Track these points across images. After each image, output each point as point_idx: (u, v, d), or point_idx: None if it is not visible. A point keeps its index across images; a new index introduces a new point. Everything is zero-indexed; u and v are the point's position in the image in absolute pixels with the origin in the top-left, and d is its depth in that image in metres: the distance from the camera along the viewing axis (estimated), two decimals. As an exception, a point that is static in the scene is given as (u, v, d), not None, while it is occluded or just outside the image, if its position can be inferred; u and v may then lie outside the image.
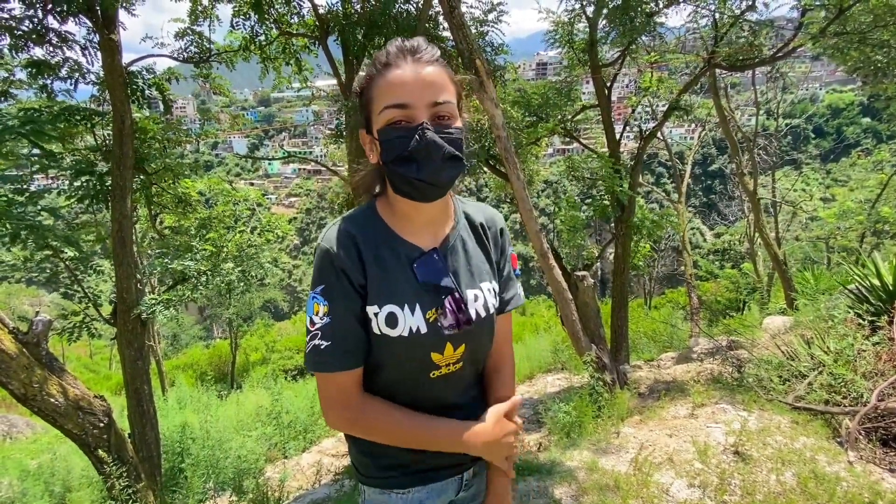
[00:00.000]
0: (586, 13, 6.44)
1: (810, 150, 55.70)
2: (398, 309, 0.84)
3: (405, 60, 0.81)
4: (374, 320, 0.85)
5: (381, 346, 0.86)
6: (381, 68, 0.82)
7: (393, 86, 0.80)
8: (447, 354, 0.89)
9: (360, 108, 0.88)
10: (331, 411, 0.86)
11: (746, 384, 3.46)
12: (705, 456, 2.58)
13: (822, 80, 62.76)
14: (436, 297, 0.87)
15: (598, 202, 6.67)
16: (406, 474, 0.92)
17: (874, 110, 50.18)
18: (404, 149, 0.79)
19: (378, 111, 0.82)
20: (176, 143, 5.45)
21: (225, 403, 8.70)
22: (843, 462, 2.45)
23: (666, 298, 19.20)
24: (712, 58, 6.38)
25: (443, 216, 0.93)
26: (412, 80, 0.80)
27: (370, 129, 0.85)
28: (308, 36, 5.12)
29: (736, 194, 23.89)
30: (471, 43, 4.18)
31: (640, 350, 8.28)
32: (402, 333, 0.84)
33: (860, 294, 4.05)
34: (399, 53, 0.82)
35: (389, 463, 0.91)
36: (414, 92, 0.79)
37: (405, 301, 0.85)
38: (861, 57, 5.80)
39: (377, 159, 0.85)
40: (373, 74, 0.83)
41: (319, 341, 0.83)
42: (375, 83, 0.83)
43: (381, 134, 0.82)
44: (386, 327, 0.84)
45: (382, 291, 0.84)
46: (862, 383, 2.87)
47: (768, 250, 10.56)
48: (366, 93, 0.85)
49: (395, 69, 0.81)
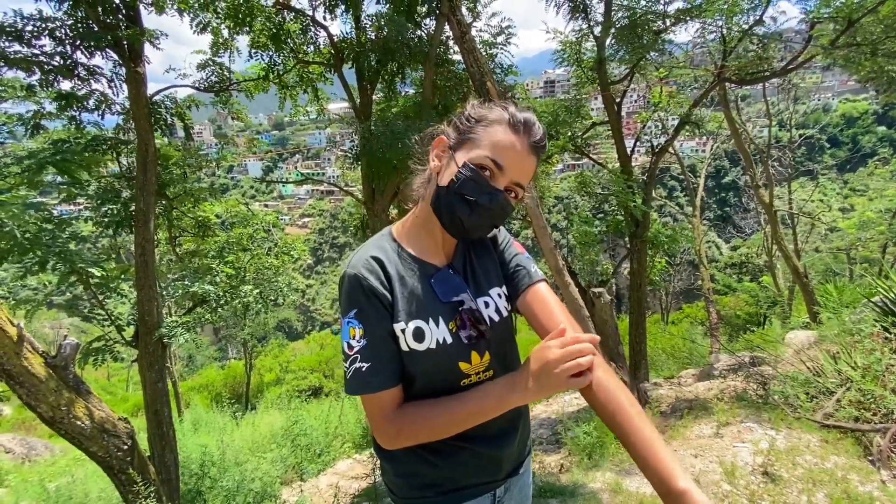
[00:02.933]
0: (594, 33, 6.54)
1: (826, 160, 54.87)
2: (423, 323, 0.89)
3: (523, 134, 0.88)
4: (402, 337, 0.88)
5: (411, 362, 0.89)
6: (503, 119, 0.88)
7: (504, 146, 0.87)
8: (475, 363, 0.92)
9: (462, 124, 0.92)
10: (379, 431, 0.88)
11: (772, 401, 3.37)
12: (733, 477, 2.51)
13: (834, 90, 62.22)
14: (454, 309, 0.92)
15: (611, 217, 6.66)
16: (440, 493, 0.94)
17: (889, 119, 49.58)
18: (475, 194, 0.86)
19: (478, 148, 0.88)
20: (197, 169, 5.62)
21: (240, 425, 8.71)
22: (877, 481, 2.36)
23: (683, 314, 18.85)
24: (721, 72, 6.41)
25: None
26: (519, 156, 0.88)
27: (455, 148, 0.91)
28: (324, 64, 5.30)
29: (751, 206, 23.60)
30: (482, 66, 4.28)
31: (658, 367, 8.12)
32: (430, 346, 0.88)
33: (886, 307, 3.95)
34: (524, 124, 0.88)
35: (423, 482, 0.94)
36: (514, 164, 0.87)
37: (429, 315, 0.89)
38: (874, 67, 5.78)
39: (446, 181, 0.89)
40: (495, 118, 0.89)
41: (360, 364, 0.85)
42: (493, 126, 0.88)
43: (466, 167, 0.87)
44: (414, 342, 0.88)
45: (407, 308, 0.89)
46: (892, 399, 2.78)
47: (788, 263, 10.36)
48: (479, 123, 0.89)
49: (513, 133, 0.88)
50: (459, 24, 4.22)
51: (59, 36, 4.12)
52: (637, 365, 6.01)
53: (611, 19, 6.17)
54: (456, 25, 4.22)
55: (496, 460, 0.96)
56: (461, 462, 0.93)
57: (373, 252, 0.90)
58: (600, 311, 4.34)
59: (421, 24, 5.02)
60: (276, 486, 5.41)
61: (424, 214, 0.94)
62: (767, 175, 11.21)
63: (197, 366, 25.93)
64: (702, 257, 11.93)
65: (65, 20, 4.12)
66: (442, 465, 0.92)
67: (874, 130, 56.10)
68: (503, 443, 0.96)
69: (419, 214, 0.95)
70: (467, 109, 0.93)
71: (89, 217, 4.81)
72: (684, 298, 23.26)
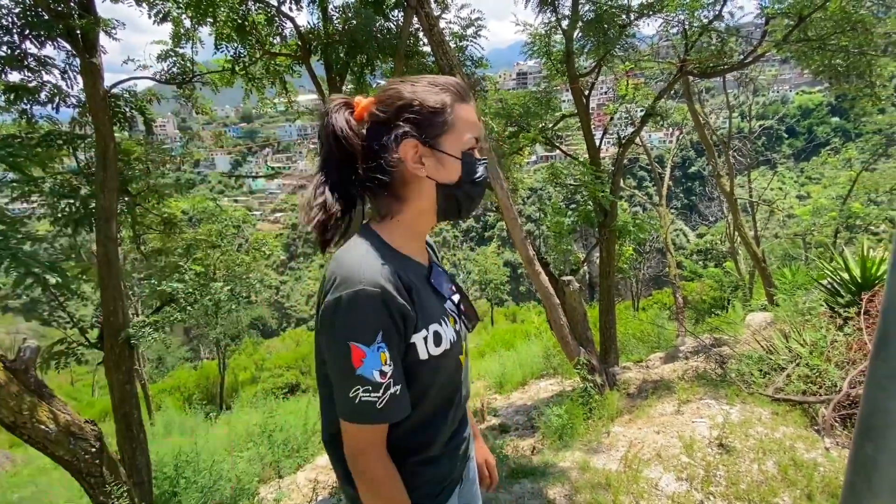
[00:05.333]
0: (562, 26, 6.64)
1: (784, 149, 57.42)
2: (438, 326, 0.87)
3: (470, 98, 0.89)
4: (421, 346, 0.84)
5: (429, 370, 0.87)
6: (458, 98, 0.87)
7: (473, 121, 0.89)
8: (464, 352, 0.97)
9: (423, 118, 0.84)
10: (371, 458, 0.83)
11: (729, 379, 3.58)
12: (691, 450, 2.67)
13: (791, 83, 64.86)
14: (450, 304, 0.94)
15: (582, 208, 6.82)
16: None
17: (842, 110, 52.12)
18: (479, 174, 0.90)
19: (458, 133, 0.87)
20: (160, 164, 5.45)
21: (215, 425, 8.57)
22: (820, 449, 2.56)
23: (653, 299, 19.50)
24: (684, 65, 6.62)
25: None
26: (477, 119, 0.91)
27: (433, 145, 0.85)
28: (291, 56, 5.20)
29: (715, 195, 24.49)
30: (451, 59, 4.30)
31: (629, 352, 8.40)
32: (446, 347, 0.88)
33: (832, 288, 4.22)
34: (468, 90, 0.89)
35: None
36: (480, 129, 0.91)
37: (439, 316, 0.89)
38: (823, 61, 6.09)
39: (453, 177, 0.88)
40: (453, 101, 0.86)
41: (394, 389, 0.80)
42: (457, 110, 0.86)
43: (465, 156, 0.88)
44: (434, 347, 0.86)
45: (423, 314, 0.85)
46: (835, 372, 3.00)
47: (748, 249, 10.86)
48: (444, 114, 0.85)
49: (470, 104, 0.89)
50: (428, 16, 4.22)
51: (6, 24, 3.92)
52: (607, 350, 6.22)
53: (578, 12, 6.28)
54: (424, 17, 4.22)
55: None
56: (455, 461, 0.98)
57: (384, 261, 0.81)
58: (570, 299, 4.47)
59: (389, 15, 4.99)
60: (253, 484, 5.37)
61: (411, 215, 0.90)
62: (729, 165, 11.68)
63: (168, 367, 25.19)
64: (669, 245, 12.35)
65: (11, 7, 3.91)
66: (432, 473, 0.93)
67: (828, 121, 58.92)
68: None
69: (404, 217, 0.90)
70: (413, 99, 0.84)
71: (44, 215, 4.61)
72: (654, 285, 24.04)
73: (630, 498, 2.36)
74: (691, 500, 2.29)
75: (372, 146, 0.85)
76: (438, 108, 0.85)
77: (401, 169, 0.85)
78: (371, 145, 0.85)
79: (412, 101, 0.84)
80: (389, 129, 0.84)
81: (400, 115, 0.84)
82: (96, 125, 4.26)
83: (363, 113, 0.87)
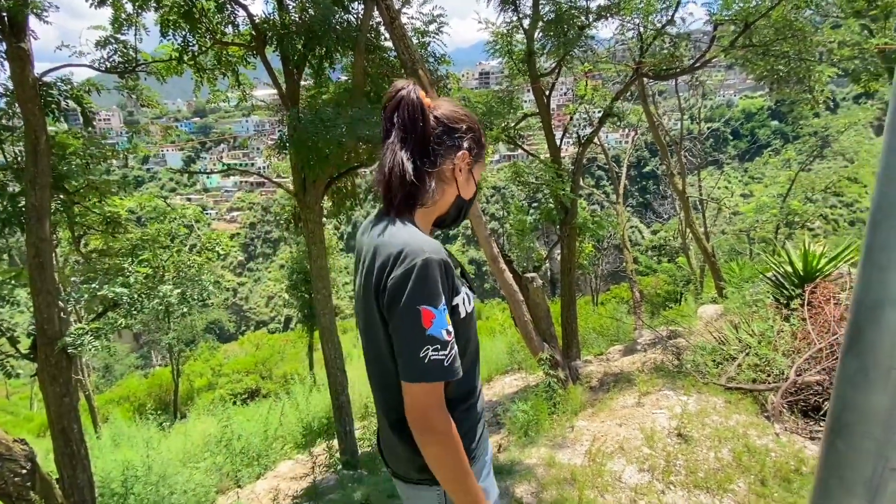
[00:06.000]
0: (523, 25, 6.70)
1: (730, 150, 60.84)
2: (465, 288, 1.02)
3: None
4: (461, 305, 0.98)
5: (466, 326, 1.01)
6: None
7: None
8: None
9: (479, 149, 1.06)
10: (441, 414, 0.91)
11: (685, 370, 3.71)
12: (652, 441, 2.74)
13: (735, 88, 68.82)
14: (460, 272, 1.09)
15: (544, 206, 6.93)
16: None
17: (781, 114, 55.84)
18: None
19: (479, 169, 1.08)
20: (101, 160, 5.06)
21: (169, 435, 8.12)
22: (771, 435, 2.69)
23: (611, 294, 20.16)
24: (639, 67, 6.85)
25: None
26: None
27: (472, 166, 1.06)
28: (245, 46, 4.95)
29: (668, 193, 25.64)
30: (413, 53, 4.23)
31: (590, 345, 8.63)
32: (473, 306, 1.04)
33: (777, 280, 4.47)
34: None
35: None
36: None
37: (461, 281, 1.02)
38: (766, 66, 6.46)
39: (469, 195, 1.08)
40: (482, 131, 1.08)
41: (455, 347, 0.91)
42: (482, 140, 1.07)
43: (479, 178, 1.09)
44: (468, 306, 1.01)
45: (457, 280, 0.99)
46: (782, 361, 3.17)
47: (698, 244, 11.41)
48: (485, 149, 1.07)
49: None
50: (388, 9, 4.13)
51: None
52: (569, 344, 6.35)
53: (538, 13, 6.36)
54: (385, 11, 4.12)
55: None
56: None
57: (430, 237, 0.97)
58: (533, 295, 4.51)
59: (349, 7, 4.85)
60: (211, 496, 5.12)
61: (427, 212, 1.04)
62: (681, 164, 12.22)
63: (116, 376, 23.76)
64: (626, 242, 12.79)
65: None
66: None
67: (768, 124, 62.96)
68: None
69: (426, 210, 1.03)
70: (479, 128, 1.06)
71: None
72: (612, 280, 24.87)
73: (595, 492, 2.39)
74: (653, 491, 2.34)
75: (438, 138, 1.00)
76: (484, 144, 1.08)
77: (444, 169, 1.01)
78: (437, 136, 1.00)
79: (479, 129, 1.06)
80: (456, 136, 1.02)
81: (469, 132, 1.03)
82: (25, 116, 3.90)
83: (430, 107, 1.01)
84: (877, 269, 0.50)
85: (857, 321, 0.53)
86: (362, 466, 4.58)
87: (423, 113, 0.97)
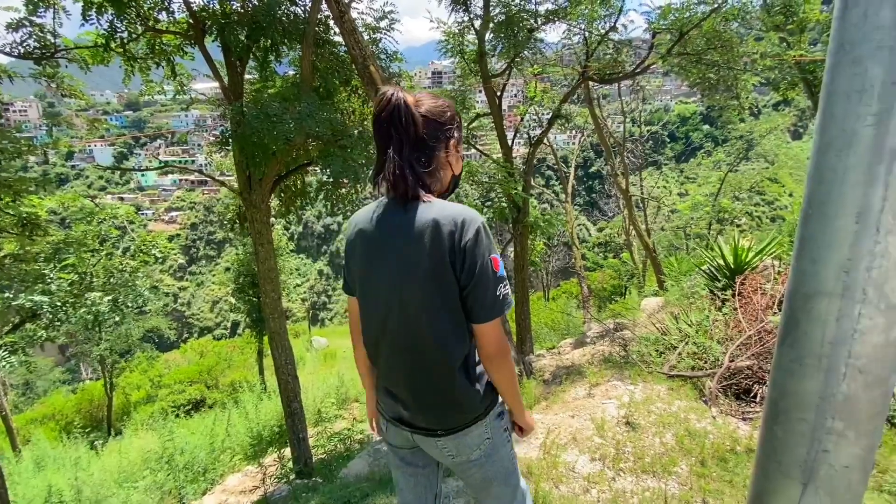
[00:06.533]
0: (474, 26, 6.76)
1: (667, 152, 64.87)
2: None
3: None
4: None
5: None
6: None
7: None
8: None
9: (460, 130, 1.21)
10: (506, 338, 1.15)
11: (631, 360, 3.90)
12: (603, 430, 2.85)
13: (671, 94, 73.33)
14: None
15: (497, 205, 7.03)
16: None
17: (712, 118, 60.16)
18: None
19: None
20: (13, 155, 4.57)
21: (102, 454, 7.51)
22: (709, 418, 2.88)
23: (561, 290, 20.87)
24: (586, 71, 7.11)
25: None
26: None
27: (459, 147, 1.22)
28: (181, 35, 4.64)
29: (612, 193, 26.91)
30: (364, 49, 4.14)
31: (542, 340, 8.88)
32: None
33: (711, 273, 4.80)
34: None
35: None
36: None
37: None
38: (699, 74, 6.91)
39: (459, 170, 1.25)
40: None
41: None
42: (460, 120, 1.23)
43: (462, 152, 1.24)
44: None
45: None
46: (717, 348, 3.40)
47: (641, 241, 12.04)
48: (460, 119, 1.21)
49: None
50: (338, 3, 4.02)
51: None
52: (523, 339, 6.49)
53: (489, 14, 6.44)
54: (334, 4, 4.01)
55: None
56: None
57: None
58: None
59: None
60: (149, 517, 4.79)
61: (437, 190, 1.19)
62: (624, 165, 12.84)
63: (38, 393, 21.69)
64: (574, 239, 13.27)
65: None
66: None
67: (701, 128, 67.64)
68: None
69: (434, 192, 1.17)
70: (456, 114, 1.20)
71: None
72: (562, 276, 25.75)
73: (550, 483, 2.45)
74: (604, 479, 2.43)
75: (432, 135, 1.13)
76: (457, 118, 1.21)
77: (441, 157, 1.16)
78: (430, 134, 1.13)
79: (456, 114, 1.20)
80: (445, 129, 1.16)
81: (452, 120, 1.18)
82: (-82, 104, 3.44)
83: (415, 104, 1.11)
84: (810, 262, 0.53)
85: (792, 312, 0.56)
86: (317, 474, 4.44)
87: (414, 117, 1.09)
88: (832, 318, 0.51)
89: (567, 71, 8.72)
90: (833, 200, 0.51)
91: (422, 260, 1.06)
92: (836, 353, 0.52)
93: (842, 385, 0.52)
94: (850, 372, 0.51)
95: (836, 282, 0.51)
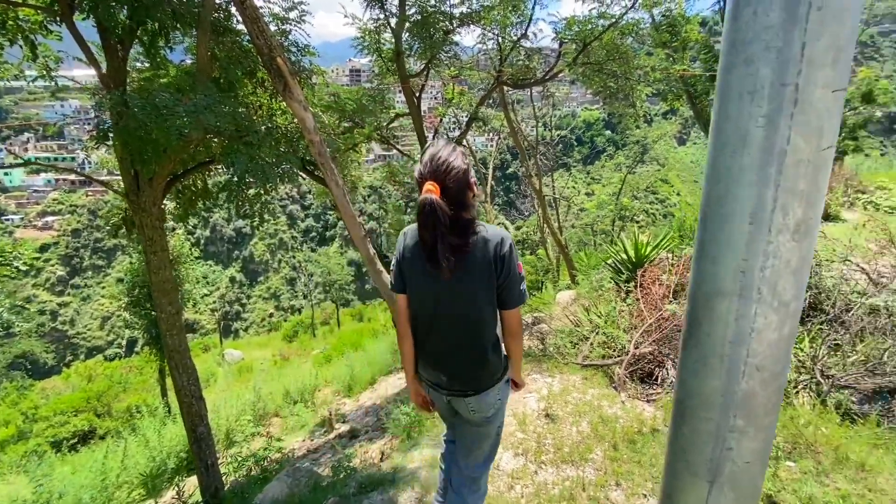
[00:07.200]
0: (390, 24, 6.66)
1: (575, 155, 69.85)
2: None
3: None
4: None
5: None
6: None
7: None
8: None
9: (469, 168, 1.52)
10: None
11: (549, 353, 4.06)
12: (524, 425, 2.92)
13: (577, 100, 79.03)
14: None
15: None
16: None
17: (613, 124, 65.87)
18: None
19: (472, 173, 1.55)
20: None
21: (-48, 510, 6.23)
22: (619, 403, 3.07)
23: (484, 287, 21.47)
24: (500, 75, 7.34)
25: None
26: None
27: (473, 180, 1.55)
28: (43, 9, 3.96)
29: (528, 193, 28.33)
30: (269, 39, 3.86)
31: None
32: None
33: (616, 266, 5.18)
34: None
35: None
36: None
37: None
38: (601, 83, 7.46)
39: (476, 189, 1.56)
40: None
41: None
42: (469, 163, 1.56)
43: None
44: None
45: None
46: (624, 337, 3.66)
47: (554, 238, 12.76)
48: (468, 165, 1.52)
49: None
50: (238, -12, 3.69)
51: None
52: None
53: (405, 13, 6.37)
54: (234, -11, 3.68)
55: None
56: None
57: None
58: (411, 296, 4.49)
59: (189, -20, 4.20)
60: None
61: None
62: (537, 166, 13.52)
63: None
64: (495, 238, 13.70)
65: None
66: None
67: (604, 133, 73.82)
68: None
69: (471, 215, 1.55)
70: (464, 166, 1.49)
71: None
72: (485, 274, 26.58)
73: (476, 484, 2.44)
74: (527, 473, 2.48)
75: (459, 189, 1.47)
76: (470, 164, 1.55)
77: (469, 195, 1.51)
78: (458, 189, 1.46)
79: (466, 161, 1.51)
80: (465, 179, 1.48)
81: (467, 171, 1.50)
82: None
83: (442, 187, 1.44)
84: (709, 262, 0.54)
85: (695, 313, 0.56)
86: (227, 503, 4.06)
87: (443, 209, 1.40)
88: (731, 317, 0.52)
89: (483, 75, 8.95)
90: (729, 200, 0.52)
91: (480, 268, 1.46)
92: (735, 352, 0.52)
93: (741, 383, 0.53)
94: (749, 370, 0.52)
95: (734, 282, 0.51)
